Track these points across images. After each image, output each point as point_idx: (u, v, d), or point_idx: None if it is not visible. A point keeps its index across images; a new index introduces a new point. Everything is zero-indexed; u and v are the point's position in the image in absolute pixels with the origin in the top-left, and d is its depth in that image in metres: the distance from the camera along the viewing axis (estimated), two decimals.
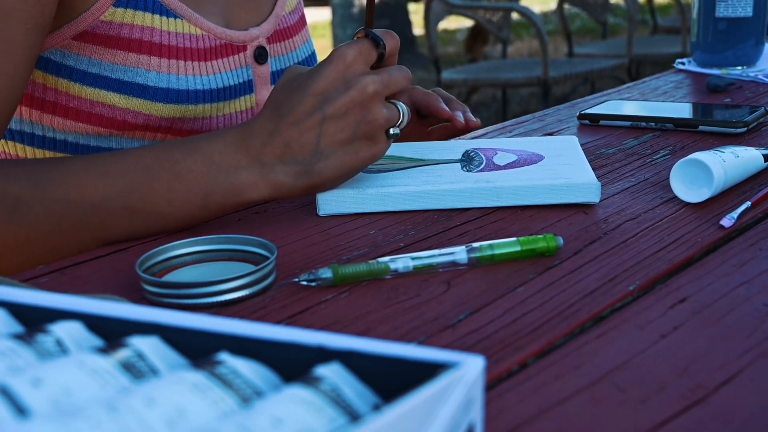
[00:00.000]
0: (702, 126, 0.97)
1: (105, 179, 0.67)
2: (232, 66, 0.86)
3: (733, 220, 0.67)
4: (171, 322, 0.36)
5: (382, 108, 0.68)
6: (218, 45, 0.84)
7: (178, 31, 0.81)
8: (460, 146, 0.83)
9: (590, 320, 0.52)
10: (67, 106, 0.80)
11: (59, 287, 0.60)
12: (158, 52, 0.80)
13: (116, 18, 0.78)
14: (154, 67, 0.80)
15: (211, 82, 0.83)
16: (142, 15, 0.79)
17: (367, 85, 0.67)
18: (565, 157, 0.78)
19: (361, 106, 0.67)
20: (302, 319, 0.54)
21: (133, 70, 0.79)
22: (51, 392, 0.31)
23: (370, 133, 0.69)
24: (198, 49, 0.82)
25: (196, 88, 0.82)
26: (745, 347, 0.48)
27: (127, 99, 0.79)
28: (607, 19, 5.09)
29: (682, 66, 1.38)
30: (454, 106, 0.90)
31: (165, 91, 0.80)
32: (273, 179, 0.68)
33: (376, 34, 0.70)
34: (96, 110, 0.80)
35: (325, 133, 0.67)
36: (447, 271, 0.60)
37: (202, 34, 0.82)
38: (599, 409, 0.43)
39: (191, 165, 0.67)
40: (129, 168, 0.67)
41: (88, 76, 0.79)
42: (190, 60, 0.82)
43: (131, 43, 0.79)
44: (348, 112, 0.67)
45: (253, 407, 0.30)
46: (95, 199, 0.66)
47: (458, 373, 0.32)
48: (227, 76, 0.85)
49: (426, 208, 0.73)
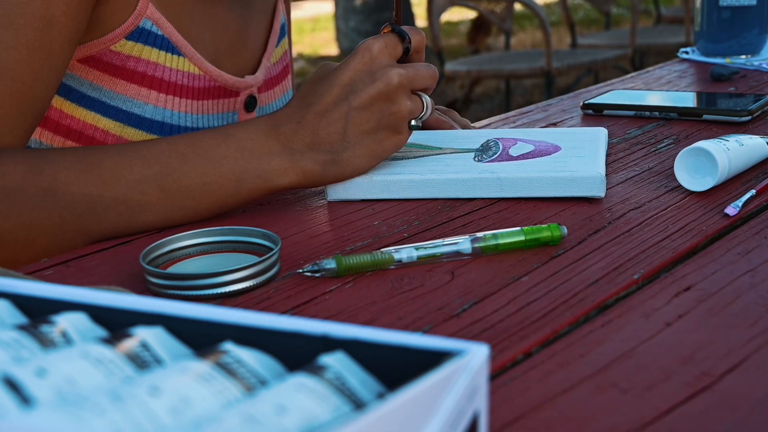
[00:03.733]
0: (706, 115, 0.96)
1: (140, 162, 0.68)
2: (222, 109, 0.87)
3: (738, 209, 0.67)
4: (175, 313, 0.36)
5: (406, 100, 0.70)
6: (212, 86, 0.85)
7: (179, 68, 0.82)
8: (482, 136, 0.83)
9: (595, 309, 0.52)
10: (59, 122, 0.81)
11: (63, 279, 0.60)
12: (158, 87, 0.81)
13: (125, 50, 0.79)
14: (153, 100, 0.81)
15: (199, 121, 0.85)
16: (150, 50, 0.80)
17: (392, 77, 0.69)
18: (582, 150, 0.77)
19: (387, 97, 0.69)
20: (307, 309, 0.54)
21: (131, 101, 0.80)
22: (55, 382, 0.31)
23: (394, 124, 0.70)
24: (193, 88, 0.83)
25: (186, 125, 0.83)
26: (750, 335, 0.48)
27: (122, 127, 0.81)
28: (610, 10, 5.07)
29: (686, 55, 1.37)
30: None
31: (160, 124, 0.82)
32: (303, 166, 0.69)
33: (401, 29, 0.72)
34: (87, 132, 0.81)
35: (352, 123, 0.69)
36: (451, 261, 0.60)
37: (200, 74, 0.84)
38: (604, 397, 0.43)
39: (225, 151, 0.69)
40: (164, 153, 0.68)
41: (86, 98, 0.80)
42: (185, 97, 0.83)
43: (134, 74, 0.80)
44: (373, 103, 0.69)
45: (258, 396, 0.30)
46: (131, 181, 0.67)
47: (462, 361, 0.32)
48: (214, 118, 0.86)
49: (431, 197, 0.73)
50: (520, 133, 0.84)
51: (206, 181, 0.68)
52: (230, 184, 0.69)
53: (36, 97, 0.71)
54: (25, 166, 0.66)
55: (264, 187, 0.69)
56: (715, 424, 0.40)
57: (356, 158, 0.70)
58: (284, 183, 0.69)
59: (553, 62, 4.01)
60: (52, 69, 0.72)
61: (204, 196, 0.68)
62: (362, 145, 0.70)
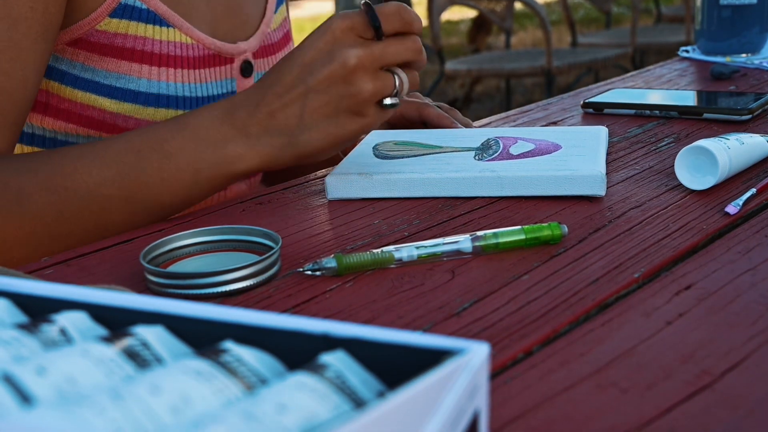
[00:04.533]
0: (706, 113, 0.96)
1: (99, 165, 0.68)
2: (218, 76, 0.86)
3: (738, 207, 0.67)
4: (175, 312, 0.36)
5: (366, 82, 0.66)
6: (206, 54, 0.85)
7: (170, 40, 0.81)
8: (482, 134, 0.83)
9: (595, 308, 0.52)
10: (58, 107, 0.81)
11: (64, 279, 0.60)
12: (149, 60, 0.81)
13: (111, 28, 0.79)
14: (145, 74, 0.81)
15: (197, 90, 0.84)
16: (136, 25, 0.79)
17: (348, 58, 0.66)
18: (582, 148, 0.77)
19: (343, 79, 0.66)
20: (307, 308, 0.54)
21: (125, 77, 0.80)
22: (55, 380, 0.31)
23: (354, 107, 0.67)
24: (187, 57, 0.83)
25: (183, 95, 0.83)
26: (751, 333, 0.48)
27: (119, 104, 0.80)
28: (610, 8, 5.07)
29: (687, 54, 1.37)
30: None
31: (156, 97, 0.81)
32: (260, 150, 0.69)
33: (373, 9, 0.67)
34: (87, 113, 0.81)
35: (309, 105, 0.67)
36: (451, 260, 0.60)
37: (192, 43, 0.83)
38: (604, 396, 0.42)
39: (180, 142, 0.68)
40: (120, 152, 0.68)
41: (80, 80, 0.80)
42: (180, 68, 0.82)
43: (124, 51, 0.80)
44: (330, 85, 0.67)
45: (258, 394, 0.30)
46: (91, 185, 0.67)
47: (463, 360, 0.32)
48: (212, 86, 0.86)
49: (431, 196, 0.73)
50: (521, 131, 0.84)
51: (164, 176, 0.68)
52: (188, 176, 0.68)
53: (12, 97, 0.71)
54: None
55: (222, 175, 0.69)
56: (716, 422, 0.40)
57: (314, 141, 0.68)
58: (242, 168, 0.69)
59: (554, 61, 4.01)
60: (26, 66, 0.72)
61: (164, 190, 0.68)
62: (320, 128, 0.68)
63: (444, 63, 4.18)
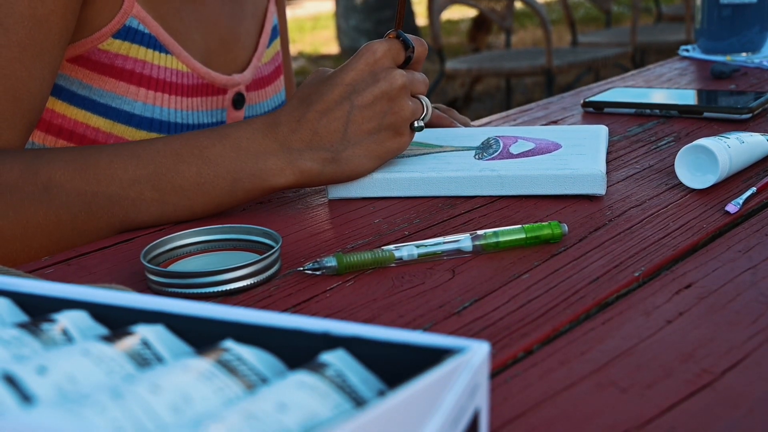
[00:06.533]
0: (707, 112, 0.96)
1: (135, 162, 0.68)
2: (210, 106, 0.88)
3: (739, 206, 0.67)
4: (176, 311, 0.36)
5: (408, 101, 0.71)
6: (200, 84, 0.86)
7: (168, 66, 0.83)
8: (482, 133, 0.83)
9: (595, 306, 0.52)
10: (51, 122, 0.82)
11: (64, 278, 0.60)
12: (147, 84, 0.82)
13: (113, 48, 0.80)
14: (142, 97, 0.82)
15: (188, 118, 0.85)
16: (137, 48, 0.81)
17: (396, 78, 0.69)
18: (582, 147, 0.77)
19: (389, 97, 0.69)
20: (307, 307, 0.54)
21: (121, 98, 0.81)
22: (56, 380, 0.31)
23: (395, 125, 0.71)
24: (182, 85, 0.84)
25: (175, 121, 0.84)
26: (751, 332, 0.48)
27: (112, 124, 0.81)
28: (610, 8, 5.07)
29: (687, 53, 1.37)
30: None
31: (149, 121, 0.82)
32: (300, 165, 0.69)
33: (406, 37, 0.72)
34: (79, 130, 0.82)
35: (353, 121, 0.69)
36: (452, 259, 0.60)
37: (188, 72, 0.85)
38: (605, 395, 0.43)
39: (220, 150, 0.69)
40: (159, 152, 0.68)
41: (77, 97, 0.81)
42: (174, 94, 0.84)
43: (123, 72, 0.81)
44: (376, 102, 0.69)
45: (258, 393, 0.30)
46: (125, 182, 0.67)
47: (463, 359, 0.32)
48: (203, 115, 0.87)
49: (431, 195, 0.73)
50: (521, 131, 0.84)
51: (201, 180, 0.68)
52: (225, 183, 0.68)
53: (31, 93, 0.72)
54: (22, 166, 0.67)
55: (260, 187, 0.69)
56: (716, 421, 0.40)
57: (356, 158, 0.70)
58: (281, 182, 0.69)
59: (554, 60, 4.01)
60: (45, 66, 0.73)
61: (199, 195, 0.68)
62: (363, 145, 0.70)
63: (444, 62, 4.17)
